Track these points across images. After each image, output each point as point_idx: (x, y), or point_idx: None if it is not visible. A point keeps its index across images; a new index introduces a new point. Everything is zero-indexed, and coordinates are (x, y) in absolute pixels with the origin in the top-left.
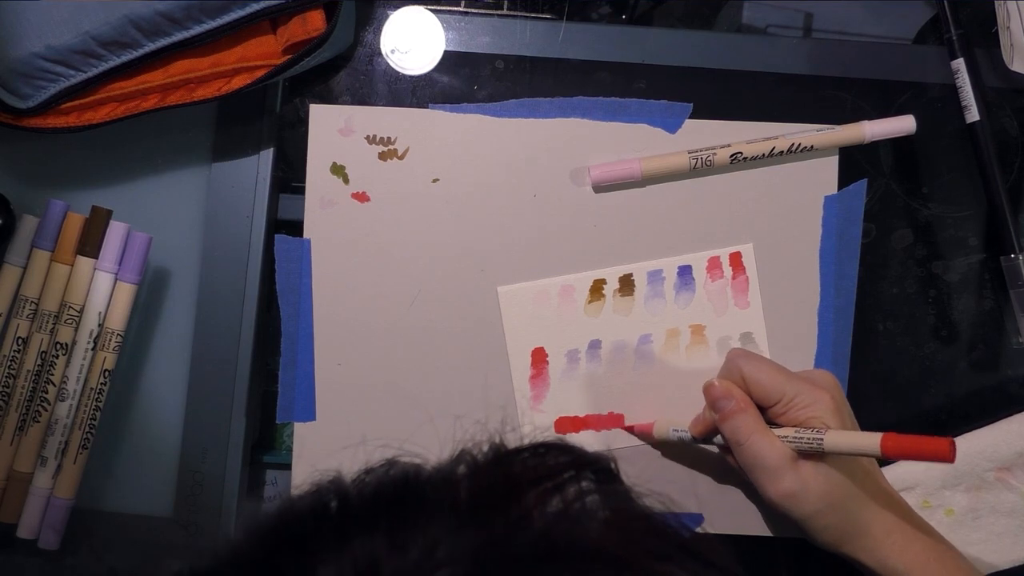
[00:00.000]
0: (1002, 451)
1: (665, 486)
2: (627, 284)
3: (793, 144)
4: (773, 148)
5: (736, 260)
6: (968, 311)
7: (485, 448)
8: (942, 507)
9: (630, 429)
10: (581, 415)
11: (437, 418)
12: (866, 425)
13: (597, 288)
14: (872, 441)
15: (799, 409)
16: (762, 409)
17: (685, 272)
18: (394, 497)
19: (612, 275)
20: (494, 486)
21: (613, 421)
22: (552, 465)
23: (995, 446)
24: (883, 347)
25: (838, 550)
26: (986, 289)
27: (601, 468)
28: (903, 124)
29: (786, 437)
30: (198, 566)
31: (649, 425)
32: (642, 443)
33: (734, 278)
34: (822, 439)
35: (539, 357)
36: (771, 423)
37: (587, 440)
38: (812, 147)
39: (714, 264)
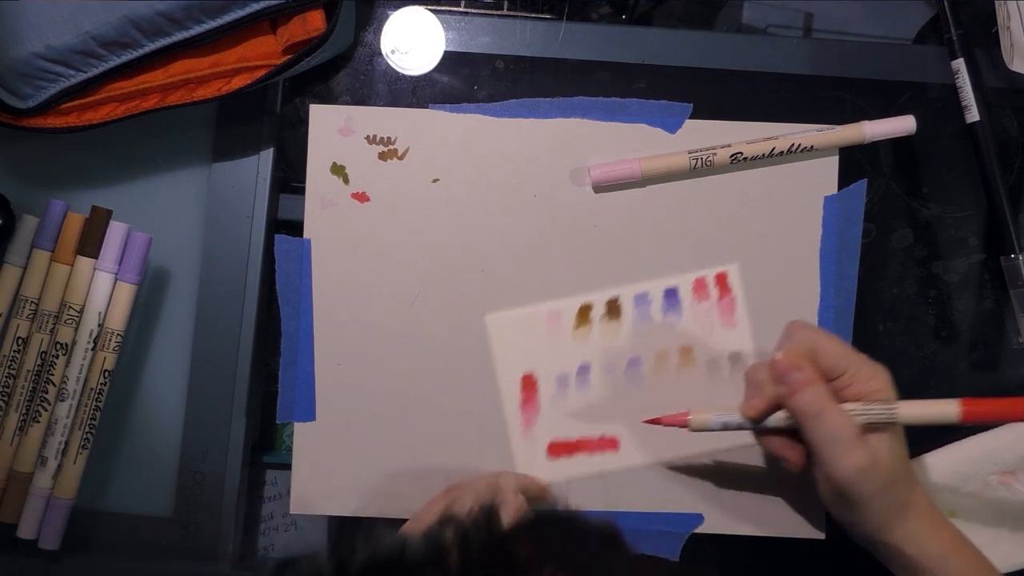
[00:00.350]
0: (1005, 455)
1: (665, 486)
2: (614, 308)
3: (793, 144)
4: (773, 148)
5: (722, 281)
6: (968, 311)
7: (476, 515)
8: (945, 510)
9: (656, 422)
10: (573, 439)
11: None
12: None
13: (584, 313)
14: (950, 409)
15: (863, 382)
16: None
17: (671, 295)
18: None
19: (599, 300)
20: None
21: (605, 444)
22: (547, 546)
23: (998, 450)
24: (883, 347)
25: (880, 538)
26: (986, 289)
27: (604, 534)
28: (903, 124)
29: (854, 411)
30: None
31: (682, 416)
32: (639, 464)
33: (720, 299)
34: (896, 410)
35: (529, 383)
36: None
37: (580, 464)
38: (812, 147)
39: (700, 286)
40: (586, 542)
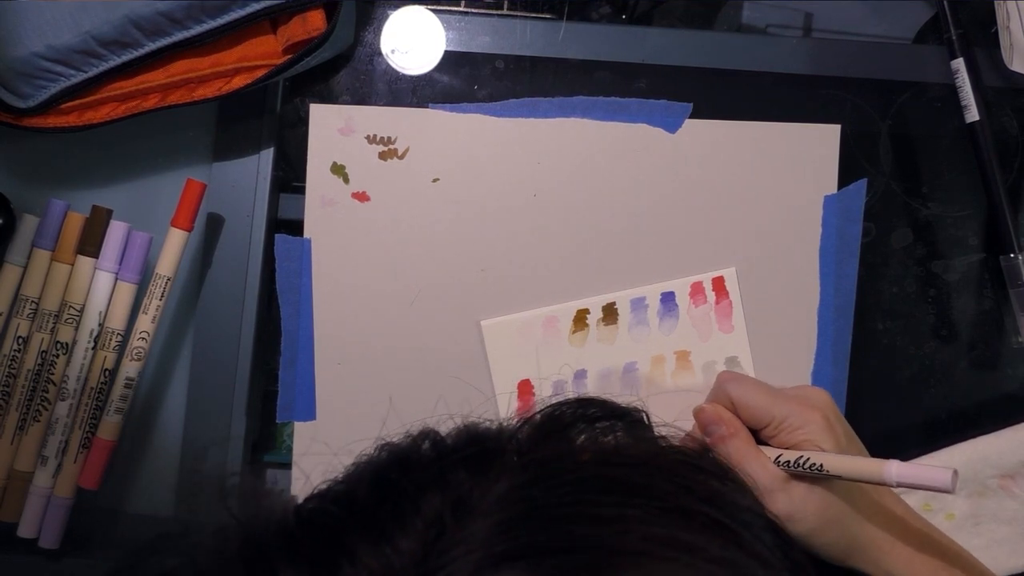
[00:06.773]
0: (1007, 459)
1: None
2: (611, 313)
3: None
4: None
5: (719, 285)
6: (968, 311)
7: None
8: (943, 511)
9: None
10: None
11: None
12: (865, 429)
13: (581, 318)
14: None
15: (790, 432)
16: (754, 431)
17: (668, 299)
18: (470, 444)
19: (595, 304)
20: (549, 435)
21: None
22: (593, 415)
23: (999, 453)
24: (883, 347)
25: (844, 563)
26: (986, 289)
27: (634, 418)
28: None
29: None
30: (303, 507)
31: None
32: None
33: (717, 303)
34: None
35: (525, 389)
36: (765, 443)
37: None
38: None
39: (697, 290)
40: (622, 420)
